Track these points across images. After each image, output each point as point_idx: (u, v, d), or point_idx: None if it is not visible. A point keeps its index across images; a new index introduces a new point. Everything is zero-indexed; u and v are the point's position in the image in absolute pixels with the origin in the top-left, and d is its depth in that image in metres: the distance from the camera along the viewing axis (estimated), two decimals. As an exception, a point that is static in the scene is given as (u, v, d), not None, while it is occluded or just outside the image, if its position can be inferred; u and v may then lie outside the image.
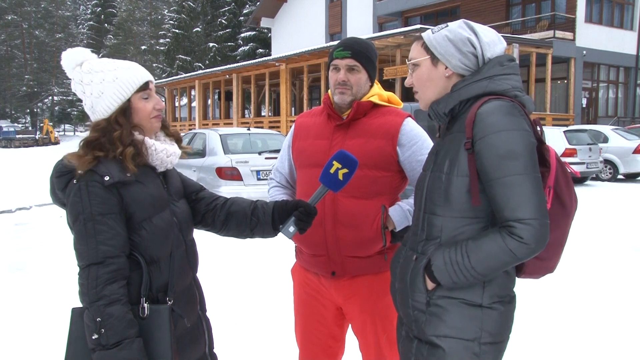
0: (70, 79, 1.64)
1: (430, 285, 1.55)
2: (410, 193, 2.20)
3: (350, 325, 2.27)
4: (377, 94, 2.15)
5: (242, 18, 40.78)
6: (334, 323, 2.23)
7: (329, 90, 2.19)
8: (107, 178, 1.50)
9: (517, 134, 1.43)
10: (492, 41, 1.58)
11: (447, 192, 1.52)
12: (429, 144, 2.12)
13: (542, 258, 1.55)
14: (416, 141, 2.09)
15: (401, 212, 2.08)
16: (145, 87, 1.62)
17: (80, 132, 55.52)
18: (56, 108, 59.88)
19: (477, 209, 1.50)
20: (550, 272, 1.63)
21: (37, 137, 47.66)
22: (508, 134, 1.43)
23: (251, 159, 8.31)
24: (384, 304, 2.12)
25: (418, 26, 17.35)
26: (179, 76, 32.45)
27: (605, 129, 15.27)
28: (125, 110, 1.59)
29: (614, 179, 14.43)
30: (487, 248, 1.44)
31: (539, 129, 1.53)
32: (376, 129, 2.08)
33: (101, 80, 1.58)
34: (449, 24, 1.62)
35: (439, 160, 1.58)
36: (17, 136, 46.57)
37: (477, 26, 1.60)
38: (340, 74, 2.06)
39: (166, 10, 50.96)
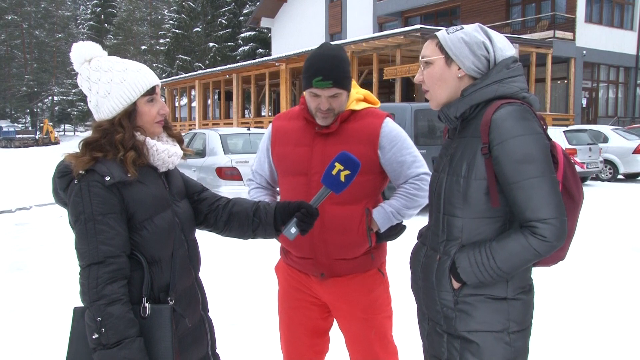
0: (70, 78, 1.64)
1: (456, 285, 1.62)
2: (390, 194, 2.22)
3: (336, 322, 2.29)
4: (354, 99, 2.13)
5: (242, 18, 40.80)
6: (319, 317, 2.26)
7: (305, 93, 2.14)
8: (108, 178, 1.50)
9: (532, 138, 1.50)
10: (503, 47, 1.64)
11: (466, 194, 1.58)
12: (409, 143, 2.15)
13: None
14: (396, 142, 2.11)
15: (384, 213, 2.11)
16: (152, 91, 1.62)
17: (80, 132, 55.54)
18: (56, 108, 59.88)
19: (495, 209, 1.57)
20: (562, 260, 1.71)
21: (37, 137, 47.67)
22: (523, 138, 1.50)
23: (251, 159, 8.28)
24: (370, 299, 2.18)
25: (418, 26, 17.33)
26: (179, 76, 32.46)
27: (605, 129, 15.26)
28: (130, 114, 1.58)
29: (614, 179, 14.42)
30: (511, 248, 1.52)
31: (542, 123, 1.59)
32: (357, 134, 2.08)
33: (109, 81, 1.57)
34: (464, 26, 1.67)
35: (455, 163, 1.63)
36: (17, 136, 46.59)
37: (491, 31, 1.66)
38: (322, 102, 2.00)
39: (166, 10, 50.98)
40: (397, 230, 2.17)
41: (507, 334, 1.60)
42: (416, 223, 2.18)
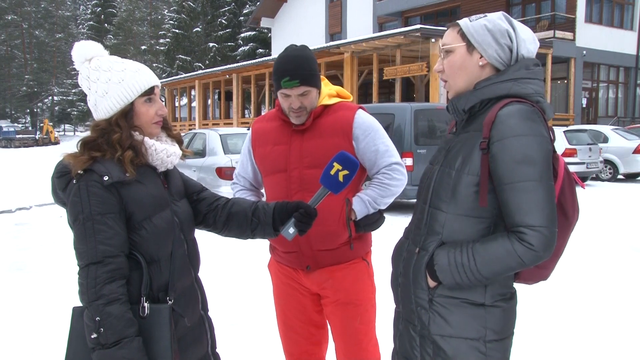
0: (71, 78, 1.65)
1: (431, 283, 1.56)
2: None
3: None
4: (326, 94, 2.20)
5: (242, 18, 40.80)
6: (313, 309, 2.30)
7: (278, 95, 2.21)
8: (106, 178, 1.50)
9: (535, 140, 1.43)
10: (527, 39, 1.57)
11: (455, 188, 1.52)
12: (382, 134, 2.21)
13: (538, 266, 1.55)
14: (369, 132, 2.17)
15: (361, 202, 2.18)
16: (150, 91, 1.62)
17: (80, 132, 55.55)
18: (56, 108, 59.91)
19: (482, 209, 1.50)
20: (544, 280, 1.64)
21: (37, 137, 47.69)
22: (526, 139, 1.43)
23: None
24: (356, 287, 2.23)
25: (418, 26, 17.30)
26: (179, 76, 32.46)
27: (605, 129, 15.27)
28: (127, 113, 1.59)
29: (614, 179, 14.43)
30: (495, 252, 1.45)
31: (552, 135, 1.53)
32: (331, 127, 2.15)
33: (107, 80, 1.58)
34: (487, 14, 1.60)
35: (450, 156, 1.58)
36: (17, 136, 46.62)
37: (516, 22, 1.60)
38: (293, 101, 2.09)
39: (166, 10, 51.00)
40: (374, 220, 2.21)
41: (483, 342, 1.52)
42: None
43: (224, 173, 8.23)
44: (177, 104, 33.55)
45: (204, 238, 1.98)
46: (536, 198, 1.41)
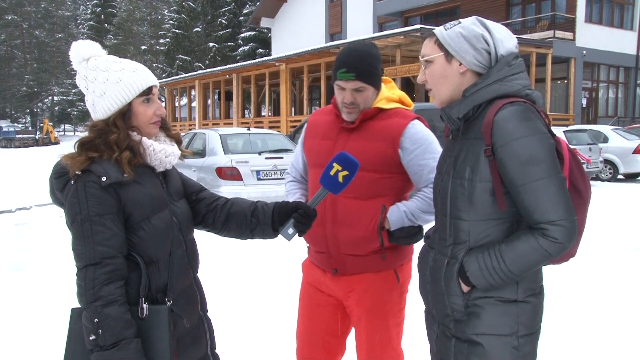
0: (71, 78, 1.64)
1: (465, 288, 1.60)
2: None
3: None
4: (384, 98, 2.13)
5: (242, 18, 40.83)
6: (333, 317, 2.25)
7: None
8: (104, 179, 1.49)
9: (536, 139, 1.47)
10: (504, 38, 1.59)
11: (471, 197, 1.56)
12: (435, 147, 2.10)
13: None
14: (420, 144, 2.08)
15: (397, 212, 2.08)
16: (148, 91, 1.61)
17: (80, 132, 55.52)
18: (56, 108, 59.93)
19: (501, 210, 1.54)
20: (573, 257, 1.67)
21: (37, 137, 47.67)
22: (527, 140, 1.47)
23: (251, 159, 8.30)
24: (379, 302, 2.14)
25: (418, 26, 17.34)
26: (179, 76, 32.46)
27: (605, 129, 15.27)
28: (125, 114, 1.58)
29: (614, 179, 14.43)
30: (521, 250, 1.49)
31: (546, 120, 1.55)
32: (378, 132, 2.08)
33: (105, 80, 1.57)
34: (461, 20, 1.63)
35: (459, 166, 1.60)
36: (17, 136, 46.57)
37: (489, 23, 1.61)
38: (346, 95, 2.05)
39: (166, 10, 51.02)
40: (412, 233, 2.10)
41: (516, 337, 1.56)
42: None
43: (224, 173, 8.21)
44: (177, 104, 33.55)
45: (203, 238, 1.97)
46: (550, 194, 1.46)
